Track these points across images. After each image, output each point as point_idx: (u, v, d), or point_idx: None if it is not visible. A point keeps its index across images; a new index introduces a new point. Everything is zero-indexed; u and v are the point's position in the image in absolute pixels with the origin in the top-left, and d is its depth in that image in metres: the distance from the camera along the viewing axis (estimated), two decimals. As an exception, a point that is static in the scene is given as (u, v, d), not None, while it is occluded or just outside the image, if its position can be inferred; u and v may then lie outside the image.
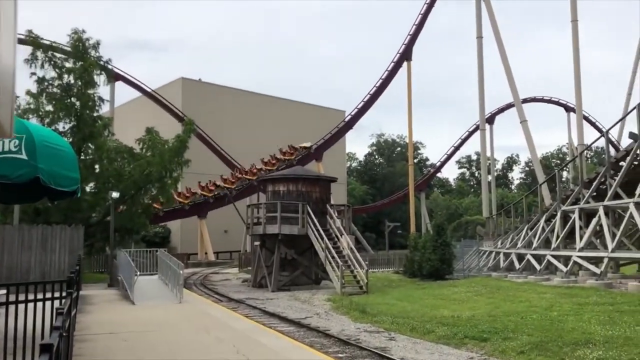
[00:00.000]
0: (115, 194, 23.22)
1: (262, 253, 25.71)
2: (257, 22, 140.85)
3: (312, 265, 25.35)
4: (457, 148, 65.98)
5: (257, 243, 26.36)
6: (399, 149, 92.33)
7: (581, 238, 21.88)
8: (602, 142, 41.77)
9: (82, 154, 25.67)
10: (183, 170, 28.77)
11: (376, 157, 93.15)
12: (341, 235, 24.16)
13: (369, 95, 52.64)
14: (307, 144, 52.83)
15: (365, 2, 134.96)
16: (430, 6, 50.78)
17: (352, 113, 54.43)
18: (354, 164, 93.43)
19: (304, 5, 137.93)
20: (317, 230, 23.28)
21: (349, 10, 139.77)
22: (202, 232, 48.86)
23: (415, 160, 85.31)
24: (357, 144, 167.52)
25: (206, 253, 49.24)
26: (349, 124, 53.99)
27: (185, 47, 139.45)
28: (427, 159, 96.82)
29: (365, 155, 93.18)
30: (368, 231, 69.10)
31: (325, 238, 22.77)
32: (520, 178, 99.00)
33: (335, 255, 22.21)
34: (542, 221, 26.84)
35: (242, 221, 33.14)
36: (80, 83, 25.49)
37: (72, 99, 25.45)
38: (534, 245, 25.63)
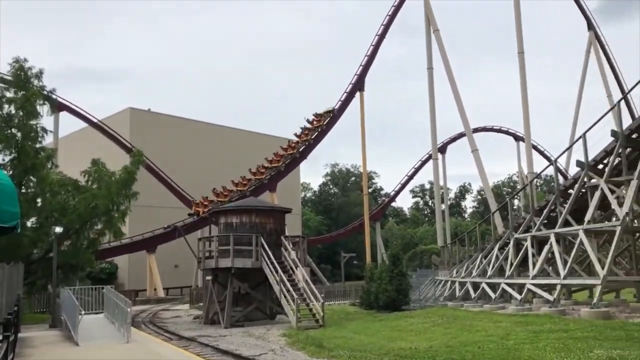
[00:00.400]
0: (58, 229, 22.43)
1: (214, 288, 25.20)
2: (209, 52, 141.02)
3: (267, 300, 24.99)
4: (410, 177, 67.15)
5: (209, 278, 25.83)
6: (353, 178, 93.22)
7: (534, 265, 22.44)
8: (551, 171, 43.37)
9: (23, 187, 24.79)
10: (131, 203, 28.13)
11: (331, 187, 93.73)
12: (296, 268, 23.98)
13: (327, 120, 53.10)
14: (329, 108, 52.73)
15: (318, 32, 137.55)
16: (381, 37, 52.08)
17: (307, 143, 54.70)
18: (309, 194, 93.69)
19: (257, 36, 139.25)
20: (272, 263, 23.04)
21: (301, 41, 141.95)
22: (151, 267, 47.60)
23: (370, 190, 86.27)
24: (312, 174, 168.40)
25: (155, 289, 47.88)
26: (303, 154, 54.22)
27: (134, 76, 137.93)
28: (381, 189, 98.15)
29: (320, 186, 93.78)
30: (324, 262, 68.88)
31: (280, 271, 22.54)
32: (473, 206, 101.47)
33: (291, 289, 21.99)
34: (495, 249, 27.42)
35: (193, 255, 32.54)
36: (21, 113, 24.77)
37: (13, 129, 24.67)
38: (489, 273, 26.09)
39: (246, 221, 25.03)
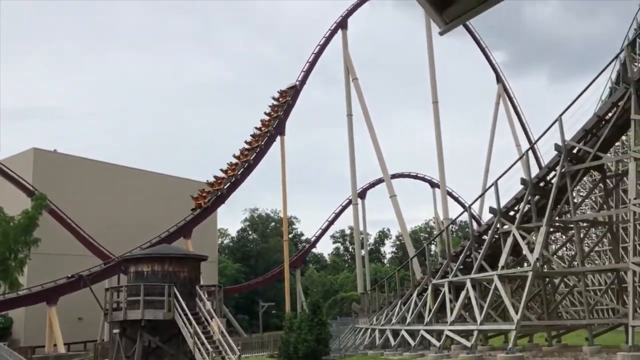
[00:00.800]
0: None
1: (122, 342, 23.77)
2: (122, 92, 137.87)
3: (180, 354, 23.84)
4: (331, 222, 67.62)
5: (116, 331, 24.37)
6: (273, 224, 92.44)
7: (451, 311, 22.93)
8: (466, 217, 45.21)
9: None
10: (32, 250, 26.38)
11: (250, 233, 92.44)
12: (212, 319, 23.16)
13: (242, 169, 52.77)
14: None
15: (239, 76, 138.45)
16: (302, 83, 53.06)
17: (225, 187, 54.03)
18: (226, 241, 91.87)
19: (174, 76, 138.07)
20: (185, 314, 22.13)
21: (221, 84, 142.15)
22: (52, 321, 44.44)
23: (290, 236, 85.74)
24: (230, 220, 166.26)
25: (55, 345, 44.63)
26: (222, 199, 53.45)
27: (40, 115, 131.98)
28: (302, 234, 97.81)
29: (238, 231, 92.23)
30: (241, 312, 67.22)
31: (194, 322, 21.68)
32: (392, 252, 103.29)
33: (205, 341, 21.15)
34: (414, 295, 27.85)
35: (99, 307, 30.75)
36: None
37: None
38: (408, 320, 26.38)
39: (158, 270, 24.03)
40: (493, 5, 1.75)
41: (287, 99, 52.36)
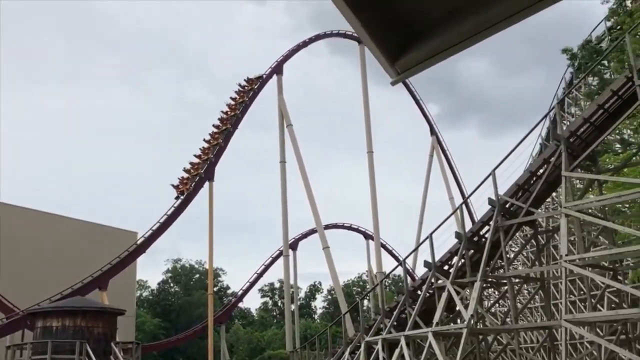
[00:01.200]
0: None
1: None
2: (31, 129, 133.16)
3: (88, 419, 22.46)
4: (260, 275, 66.65)
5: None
6: (197, 275, 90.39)
7: (385, 370, 22.90)
8: (400, 271, 45.83)
9: None
10: None
11: (172, 285, 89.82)
12: (127, 380, 22.08)
13: (165, 216, 51.55)
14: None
15: (170, 117, 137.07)
16: (234, 128, 53.08)
17: (146, 235, 52.44)
18: (145, 293, 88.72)
19: (96, 116, 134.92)
20: (97, 374, 21.00)
21: (149, 126, 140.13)
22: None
23: (216, 289, 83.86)
24: (150, 270, 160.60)
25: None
26: (142, 248, 51.77)
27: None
28: (228, 287, 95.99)
29: (159, 283, 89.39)
30: (159, 372, 64.48)
31: (107, 384, 20.58)
32: (324, 307, 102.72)
33: (118, 405, 20.07)
34: (346, 354, 27.64)
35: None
36: None
37: None
38: (340, 380, 26.09)
39: (69, 325, 22.81)
40: (446, 58, 1.85)
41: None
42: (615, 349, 17.43)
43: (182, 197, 47.73)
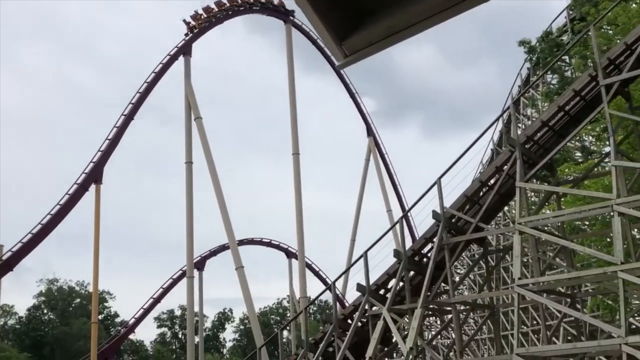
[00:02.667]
0: None
1: None
2: None
3: None
4: (157, 300, 65.28)
5: None
6: (78, 300, 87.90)
7: (307, 415, 22.95)
8: (327, 296, 46.07)
9: None
10: None
11: (45, 311, 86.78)
12: None
13: (39, 226, 49.69)
14: None
15: (43, 106, 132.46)
16: (128, 119, 51.90)
17: (14, 249, 50.34)
18: (11, 322, 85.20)
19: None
20: None
21: (22, 112, 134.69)
22: None
23: (101, 317, 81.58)
24: (18, 293, 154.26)
25: None
26: (8, 264, 49.63)
27: None
28: (116, 315, 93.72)
29: (29, 309, 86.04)
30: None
31: None
32: (235, 339, 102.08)
33: None
34: (262, 395, 27.53)
35: None
36: None
37: None
38: None
39: None
40: (400, 41, 1.87)
41: (108, 139, 50.80)
42: (572, 387, 18.25)
43: (188, 35, 48.56)
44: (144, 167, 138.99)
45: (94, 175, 50.33)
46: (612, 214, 17.39)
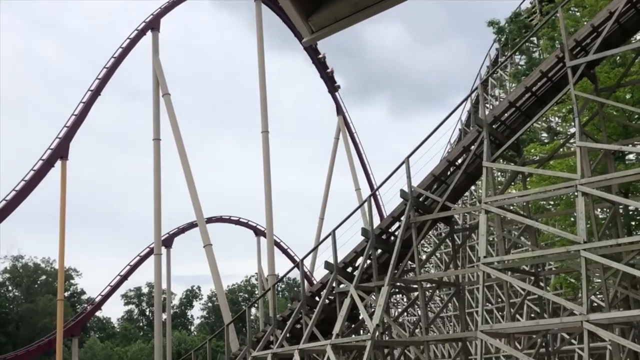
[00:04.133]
0: None
1: None
2: None
3: None
4: (124, 278, 64.94)
5: None
6: (43, 277, 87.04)
7: (274, 391, 23.11)
8: (296, 273, 46.12)
9: None
10: None
11: (10, 288, 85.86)
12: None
13: (4, 202, 48.98)
14: None
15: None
16: (95, 94, 51.17)
17: (-23, 226, 49.64)
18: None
19: None
20: None
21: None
22: None
23: (67, 294, 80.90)
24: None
25: None
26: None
27: None
28: (83, 292, 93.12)
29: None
30: (-10, 398, 61.62)
31: None
32: (202, 317, 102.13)
33: None
34: (229, 372, 27.63)
35: None
36: None
37: None
38: (220, 403, 26.04)
39: None
40: (369, 17, 1.85)
41: (75, 115, 50.03)
42: (534, 363, 18.60)
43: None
44: (111, 144, 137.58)
45: (60, 151, 49.63)
46: (576, 194, 17.65)
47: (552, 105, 21.06)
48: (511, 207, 21.88)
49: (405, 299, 38.59)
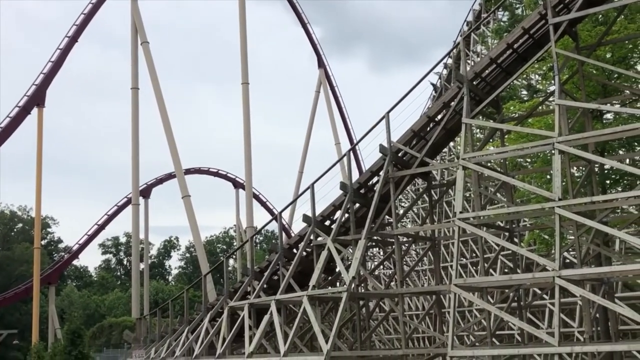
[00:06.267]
0: None
1: None
2: None
3: None
4: (101, 227, 64.90)
5: None
6: (20, 225, 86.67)
7: (251, 341, 23.40)
8: (274, 226, 46.49)
9: None
10: None
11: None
12: None
13: (-21, 149, 48.43)
14: None
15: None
16: (72, 41, 50.32)
17: (-48, 173, 49.10)
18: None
19: None
20: None
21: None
22: None
23: (44, 242, 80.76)
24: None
25: None
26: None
27: None
28: (60, 241, 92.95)
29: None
30: (-33, 344, 61.89)
31: None
32: (180, 267, 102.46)
33: None
34: (206, 321, 27.88)
35: None
36: None
37: None
38: (196, 352, 26.34)
39: None
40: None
41: (51, 62, 49.16)
42: (506, 317, 18.96)
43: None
44: (88, 93, 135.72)
45: (37, 98, 49.00)
46: (553, 151, 17.78)
47: (532, 63, 21.03)
48: (489, 164, 21.97)
49: (381, 253, 38.99)
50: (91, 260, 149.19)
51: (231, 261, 66.65)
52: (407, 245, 28.64)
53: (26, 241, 78.01)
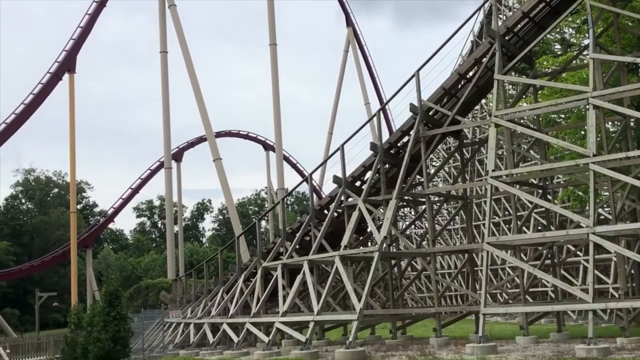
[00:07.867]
0: None
1: None
2: None
3: None
4: (135, 191, 65.79)
5: None
6: (56, 190, 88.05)
7: (284, 300, 23.66)
8: (305, 187, 46.52)
9: None
10: None
11: (23, 201, 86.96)
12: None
13: (13, 116, 49.10)
14: None
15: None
16: (100, 5, 50.34)
17: (-12, 139, 49.92)
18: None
19: None
20: None
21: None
22: None
23: (80, 207, 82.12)
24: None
25: None
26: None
27: None
28: (95, 205, 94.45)
29: (7, 199, 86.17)
30: (9, 305, 63.57)
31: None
32: (214, 229, 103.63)
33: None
34: (240, 282, 28.24)
35: None
36: None
37: None
38: (231, 312, 26.74)
39: None
40: None
41: (80, 27, 49.33)
42: (540, 274, 18.87)
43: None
44: (118, 58, 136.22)
45: (67, 64, 49.32)
46: (587, 106, 17.47)
47: (566, 16, 20.55)
48: (521, 121, 21.67)
49: (413, 213, 38.94)
50: (126, 223, 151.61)
51: (263, 223, 66.92)
52: (438, 204, 28.54)
53: (62, 206, 79.35)
